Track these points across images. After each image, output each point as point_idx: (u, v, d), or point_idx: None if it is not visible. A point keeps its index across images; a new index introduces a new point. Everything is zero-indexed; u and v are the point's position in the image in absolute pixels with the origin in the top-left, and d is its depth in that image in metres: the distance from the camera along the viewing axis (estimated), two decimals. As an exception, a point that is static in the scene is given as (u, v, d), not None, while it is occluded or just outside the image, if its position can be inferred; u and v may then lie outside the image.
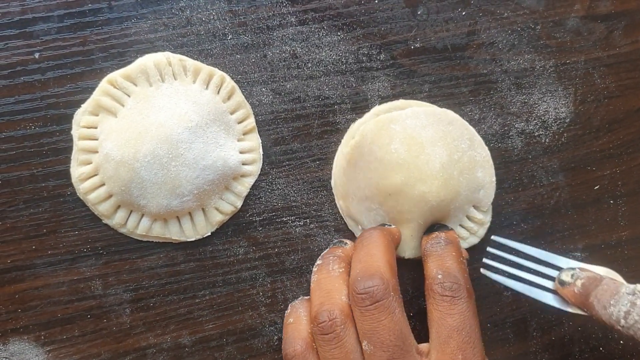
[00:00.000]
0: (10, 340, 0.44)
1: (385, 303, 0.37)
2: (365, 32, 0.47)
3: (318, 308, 0.38)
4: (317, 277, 0.41)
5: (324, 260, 0.42)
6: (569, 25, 0.50)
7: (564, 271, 0.41)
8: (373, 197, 0.45)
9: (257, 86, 0.47)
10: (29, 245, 0.44)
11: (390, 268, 0.39)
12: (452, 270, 0.39)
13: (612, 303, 0.36)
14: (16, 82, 0.44)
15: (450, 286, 0.38)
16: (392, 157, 0.44)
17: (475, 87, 0.49)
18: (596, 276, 0.39)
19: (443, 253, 0.41)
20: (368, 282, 0.37)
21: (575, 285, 0.39)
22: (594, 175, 0.51)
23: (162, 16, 0.45)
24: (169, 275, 0.46)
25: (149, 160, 0.42)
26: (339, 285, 0.40)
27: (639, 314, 0.35)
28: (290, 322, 0.42)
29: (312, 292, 0.41)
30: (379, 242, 0.40)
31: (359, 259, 0.40)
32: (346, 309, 0.38)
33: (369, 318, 0.37)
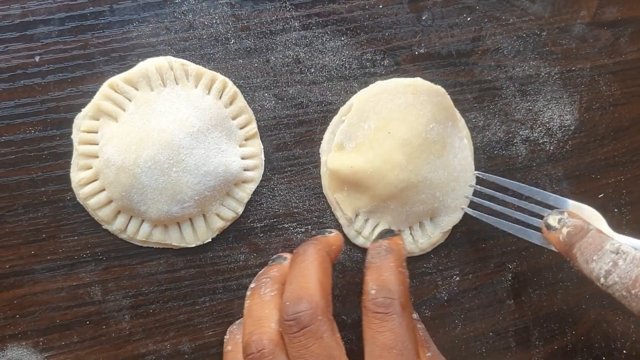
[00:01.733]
0: (9, 346, 0.44)
1: (313, 328, 0.35)
2: (369, 37, 0.47)
3: (247, 338, 0.37)
4: (248, 303, 0.39)
5: (257, 284, 0.41)
6: (575, 32, 0.50)
7: (552, 214, 0.41)
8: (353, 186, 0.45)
9: (259, 91, 0.46)
10: (28, 250, 0.44)
11: (320, 288, 0.37)
12: (387, 283, 0.37)
13: (594, 259, 0.36)
14: (16, 85, 0.43)
15: (383, 301, 0.37)
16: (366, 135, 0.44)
17: (479, 94, 0.48)
18: (583, 226, 0.39)
19: (382, 264, 0.39)
20: (296, 307, 0.35)
21: (561, 233, 0.39)
22: (599, 183, 0.50)
23: (164, 20, 0.44)
24: (169, 282, 0.45)
25: (149, 166, 0.42)
26: (269, 311, 0.38)
27: (619, 276, 0.35)
28: (229, 350, 0.41)
29: (243, 319, 0.39)
30: (311, 260, 0.38)
31: (290, 280, 0.38)
32: (276, 336, 0.36)
33: (297, 345, 0.35)
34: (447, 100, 0.46)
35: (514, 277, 0.49)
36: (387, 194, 0.44)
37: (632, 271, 0.34)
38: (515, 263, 0.49)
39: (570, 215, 0.41)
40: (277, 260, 0.43)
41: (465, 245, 0.49)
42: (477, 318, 0.49)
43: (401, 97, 0.45)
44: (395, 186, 0.44)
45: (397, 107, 0.45)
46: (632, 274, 0.34)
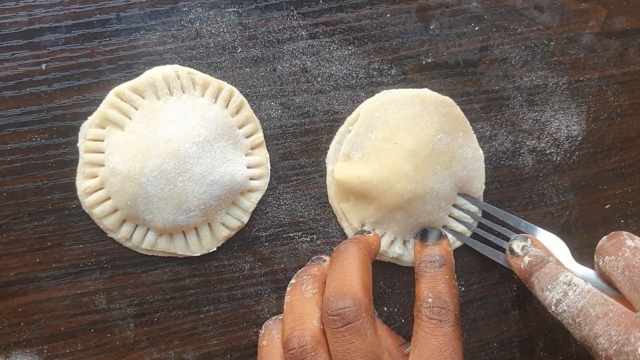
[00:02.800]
0: (13, 354, 0.44)
1: (357, 325, 0.36)
2: (376, 46, 0.47)
3: (289, 333, 0.37)
4: (289, 299, 0.40)
5: (297, 280, 0.41)
6: (583, 42, 0.49)
7: (516, 240, 0.43)
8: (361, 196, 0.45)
9: (266, 100, 0.46)
10: (33, 258, 0.44)
11: (363, 286, 0.38)
12: (443, 295, 0.40)
13: (549, 288, 0.38)
14: (22, 93, 0.43)
15: (439, 311, 0.39)
16: (372, 146, 0.44)
17: (487, 104, 0.48)
18: (543, 257, 0.41)
19: (436, 275, 0.41)
20: (340, 303, 0.36)
21: (522, 261, 0.41)
22: (605, 194, 0.50)
23: (171, 28, 0.44)
24: (174, 290, 0.45)
25: (155, 175, 0.41)
26: (311, 308, 0.38)
27: (568, 305, 0.37)
28: (264, 344, 0.42)
29: (284, 315, 0.40)
30: (353, 258, 0.39)
31: (332, 277, 0.39)
32: (317, 333, 0.37)
33: (341, 340, 0.36)
34: (456, 110, 0.46)
35: (519, 288, 0.49)
36: (393, 205, 0.44)
37: (579, 302, 0.36)
38: (520, 274, 0.49)
39: (534, 243, 0.42)
40: (317, 260, 0.43)
41: (471, 256, 0.49)
42: (481, 328, 0.49)
43: (409, 107, 0.45)
44: (402, 197, 0.44)
45: (405, 118, 0.44)
46: (578, 304, 0.36)
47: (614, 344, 0.34)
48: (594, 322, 0.35)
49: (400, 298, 0.48)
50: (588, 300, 0.36)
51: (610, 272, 0.39)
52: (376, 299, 0.47)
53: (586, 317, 0.35)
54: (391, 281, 0.48)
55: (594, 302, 0.36)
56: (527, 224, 0.45)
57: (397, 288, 0.48)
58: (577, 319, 0.36)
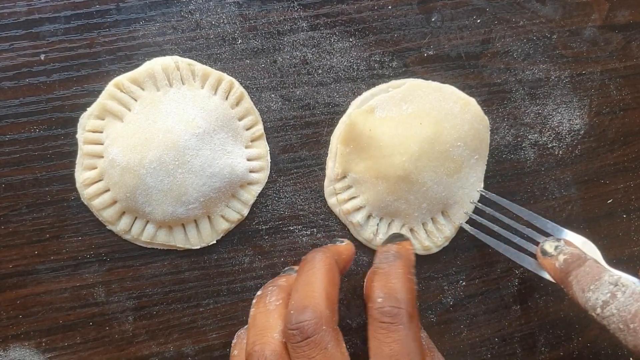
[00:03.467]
0: (11, 346, 0.44)
1: (317, 339, 0.34)
2: (377, 38, 0.46)
3: (250, 348, 0.36)
4: (253, 312, 0.39)
5: (263, 292, 0.40)
6: (586, 35, 0.49)
7: (548, 241, 0.41)
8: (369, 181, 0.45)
9: (266, 92, 0.46)
10: (31, 250, 0.43)
11: (326, 298, 0.36)
12: (395, 291, 0.37)
13: (591, 288, 0.36)
14: (21, 83, 0.43)
15: (390, 311, 0.36)
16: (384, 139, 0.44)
17: (488, 97, 0.48)
18: (580, 255, 0.38)
19: (389, 270, 0.38)
20: (300, 316, 0.35)
21: (557, 260, 0.39)
22: (608, 188, 0.50)
23: (171, 19, 0.44)
24: (173, 283, 0.45)
25: (155, 166, 0.41)
26: (274, 321, 0.37)
27: (617, 308, 0.34)
28: (235, 354, 0.41)
29: (248, 328, 0.38)
30: (318, 268, 0.37)
31: (296, 288, 0.37)
32: (279, 347, 0.36)
33: (301, 355, 0.34)
34: (486, 133, 0.46)
35: (520, 283, 0.49)
36: (383, 173, 0.44)
37: (632, 305, 0.34)
38: (522, 268, 0.49)
39: (567, 244, 0.40)
40: (287, 271, 0.42)
41: (472, 250, 0.48)
42: (482, 323, 0.48)
43: (449, 103, 0.45)
44: (395, 171, 0.43)
45: (441, 109, 0.45)
46: (631, 307, 0.34)
47: None
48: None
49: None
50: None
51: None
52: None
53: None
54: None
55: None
56: (553, 225, 0.43)
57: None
58: (631, 325, 0.33)
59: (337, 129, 0.46)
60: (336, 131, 0.46)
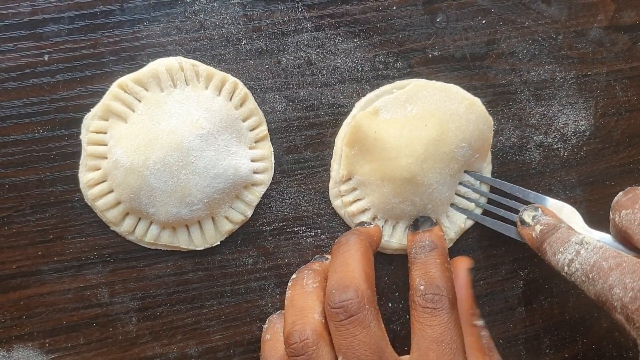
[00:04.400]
0: (15, 347, 0.44)
1: (360, 317, 0.35)
2: (382, 39, 0.46)
3: (290, 328, 0.37)
4: (290, 293, 0.39)
5: (298, 275, 0.41)
6: (592, 36, 0.49)
7: (526, 211, 0.43)
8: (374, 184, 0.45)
9: (270, 93, 0.45)
10: (35, 251, 0.43)
11: (366, 278, 0.37)
12: (435, 280, 0.38)
13: (561, 250, 0.38)
14: (25, 84, 0.43)
15: (432, 297, 0.38)
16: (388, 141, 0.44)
17: (493, 98, 0.48)
18: (555, 224, 0.40)
19: (427, 260, 0.40)
20: (342, 295, 0.36)
21: (533, 230, 0.41)
22: (613, 190, 0.50)
23: (175, 19, 0.44)
24: (177, 284, 0.45)
25: (158, 168, 0.41)
26: (312, 302, 0.38)
27: (580, 263, 0.37)
28: (267, 338, 0.41)
29: (285, 309, 0.39)
30: (354, 250, 0.39)
31: (334, 269, 0.38)
32: (319, 328, 0.37)
33: (344, 333, 0.35)
34: (489, 134, 0.46)
35: (525, 284, 0.49)
36: (389, 176, 0.43)
37: (591, 257, 0.36)
38: (526, 270, 0.49)
39: (545, 212, 0.42)
40: (319, 258, 0.43)
41: (477, 252, 0.48)
42: (487, 325, 0.48)
43: (455, 104, 0.44)
44: (401, 173, 0.43)
45: (446, 110, 0.44)
46: (591, 260, 0.36)
47: (630, 290, 0.34)
48: (608, 274, 0.35)
49: (405, 293, 0.47)
50: (600, 255, 0.36)
51: (627, 225, 0.38)
52: (380, 294, 0.47)
53: (599, 271, 0.35)
54: (395, 276, 0.47)
55: (606, 255, 0.36)
56: (536, 194, 0.45)
57: (401, 283, 0.47)
58: (590, 274, 0.36)
59: (342, 130, 0.46)
60: (341, 132, 0.46)
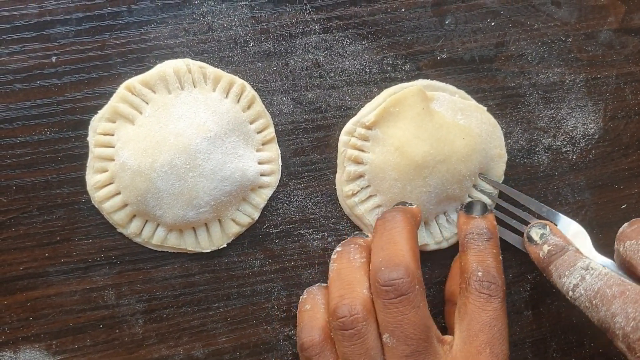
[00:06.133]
0: (21, 349, 0.44)
1: (411, 297, 0.36)
2: (390, 41, 0.46)
3: (338, 301, 0.37)
4: (336, 266, 0.39)
5: (344, 248, 0.41)
6: (602, 39, 0.48)
7: (534, 228, 0.42)
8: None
9: (277, 95, 0.45)
10: (42, 252, 0.43)
11: (414, 258, 0.37)
12: (492, 270, 0.39)
13: (566, 274, 0.38)
14: (32, 86, 0.43)
15: (489, 285, 0.38)
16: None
17: (502, 101, 0.47)
18: (562, 246, 0.40)
19: (485, 249, 0.40)
20: (393, 274, 0.36)
21: (541, 249, 0.41)
22: (622, 194, 0.49)
23: (182, 21, 0.44)
24: (183, 287, 0.45)
25: (166, 170, 0.41)
26: (360, 277, 0.38)
27: (585, 288, 0.37)
28: (307, 308, 0.41)
29: (330, 281, 0.39)
30: (401, 227, 0.39)
31: (380, 245, 0.38)
32: (369, 303, 0.37)
33: (393, 311, 0.36)
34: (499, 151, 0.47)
35: (532, 288, 0.49)
36: (404, 153, 0.43)
37: (596, 284, 0.36)
38: (534, 274, 0.48)
39: (553, 232, 0.41)
40: (360, 234, 0.43)
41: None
42: (494, 329, 0.48)
43: (490, 128, 0.46)
44: (416, 155, 0.43)
45: (485, 136, 0.46)
46: (595, 286, 0.36)
47: (631, 320, 0.34)
48: (611, 301, 0.35)
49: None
50: (605, 282, 0.36)
51: (631, 256, 0.38)
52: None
53: (603, 298, 0.36)
54: None
55: (610, 283, 0.36)
56: (548, 209, 0.44)
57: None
58: (593, 301, 0.36)
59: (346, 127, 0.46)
60: (345, 128, 0.46)
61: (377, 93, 0.46)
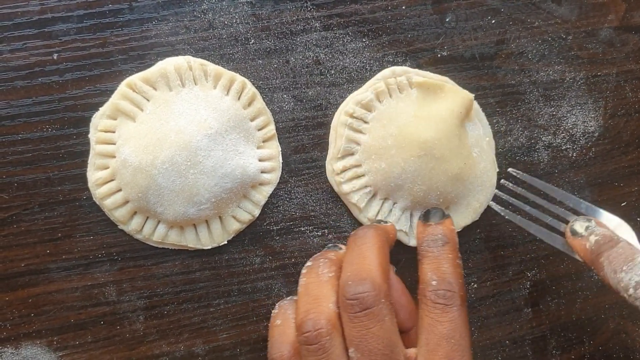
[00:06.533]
0: (23, 345, 0.44)
1: (376, 310, 0.35)
2: (391, 38, 0.46)
3: (303, 316, 0.37)
4: (305, 281, 0.39)
5: (313, 263, 0.40)
6: (602, 36, 0.48)
7: (578, 220, 0.40)
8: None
9: (278, 92, 0.45)
10: (43, 249, 0.44)
11: (382, 272, 0.37)
12: (447, 276, 0.38)
13: (624, 269, 0.35)
14: (34, 83, 0.43)
15: (444, 294, 0.37)
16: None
17: (502, 98, 0.47)
18: (613, 237, 0.38)
19: (440, 255, 0.39)
20: (359, 288, 0.36)
21: (588, 240, 0.38)
22: (622, 191, 0.49)
23: (183, 19, 0.44)
24: (184, 283, 0.45)
25: (167, 167, 0.41)
26: (327, 291, 0.38)
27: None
28: (277, 324, 0.41)
29: (299, 296, 0.39)
30: (372, 243, 0.38)
31: (350, 260, 0.38)
32: (333, 318, 0.36)
33: (358, 325, 0.35)
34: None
35: (532, 285, 0.49)
36: (407, 141, 0.43)
37: None
38: (534, 271, 0.49)
39: (598, 224, 0.39)
40: (333, 247, 0.43)
41: (484, 252, 0.48)
42: (493, 326, 0.48)
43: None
44: (419, 137, 0.43)
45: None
46: None
47: None
48: None
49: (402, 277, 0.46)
50: None
51: None
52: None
53: None
54: (395, 258, 0.46)
55: None
56: (587, 205, 0.42)
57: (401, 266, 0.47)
58: None
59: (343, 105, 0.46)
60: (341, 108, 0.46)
61: (377, 90, 0.46)
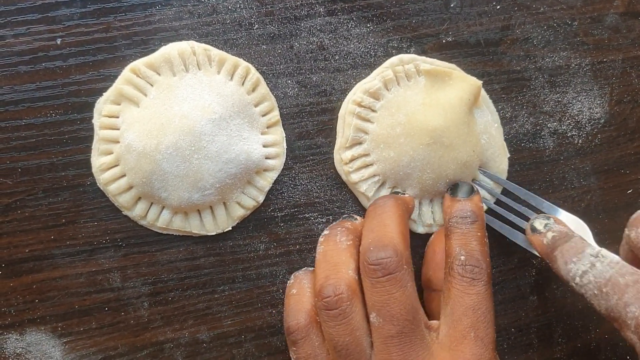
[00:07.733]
0: (27, 331, 0.44)
1: (398, 276, 0.36)
2: (395, 24, 0.46)
3: (323, 282, 0.37)
4: (323, 248, 0.40)
5: (331, 231, 0.41)
6: (608, 22, 0.48)
7: (538, 218, 0.42)
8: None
9: (282, 78, 0.45)
10: (47, 235, 0.43)
11: (403, 239, 0.37)
12: (475, 253, 0.38)
13: (574, 260, 0.37)
14: (37, 68, 0.43)
15: (472, 269, 0.38)
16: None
17: (507, 84, 0.47)
18: (568, 233, 0.39)
19: (468, 232, 0.40)
20: (381, 253, 0.36)
21: (545, 237, 0.40)
22: (628, 178, 0.49)
23: (187, 3, 0.44)
24: (188, 270, 0.45)
25: (171, 152, 0.41)
26: (346, 259, 0.38)
27: (594, 275, 0.36)
28: (293, 293, 0.41)
29: (317, 264, 0.39)
30: (392, 212, 0.39)
31: (371, 228, 0.38)
32: (353, 284, 0.37)
33: (380, 290, 0.36)
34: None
35: (537, 273, 0.48)
36: (416, 128, 0.43)
37: (607, 272, 0.35)
38: (539, 258, 0.48)
39: (557, 222, 0.41)
40: (349, 218, 0.43)
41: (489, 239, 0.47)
42: (499, 313, 0.48)
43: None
44: (428, 125, 0.43)
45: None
46: (606, 274, 0.35)
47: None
48: (624, 290, 0.34)
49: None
50: (617, 270, 0.35)
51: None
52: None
53: (614, 286, 0.35)
54: None
55: (623, 271, 0.35)
56: (549, 204, 0.44)
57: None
58: (604, 289, 0.35)
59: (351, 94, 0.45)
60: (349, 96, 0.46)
61: (382, 76, 0.46)
